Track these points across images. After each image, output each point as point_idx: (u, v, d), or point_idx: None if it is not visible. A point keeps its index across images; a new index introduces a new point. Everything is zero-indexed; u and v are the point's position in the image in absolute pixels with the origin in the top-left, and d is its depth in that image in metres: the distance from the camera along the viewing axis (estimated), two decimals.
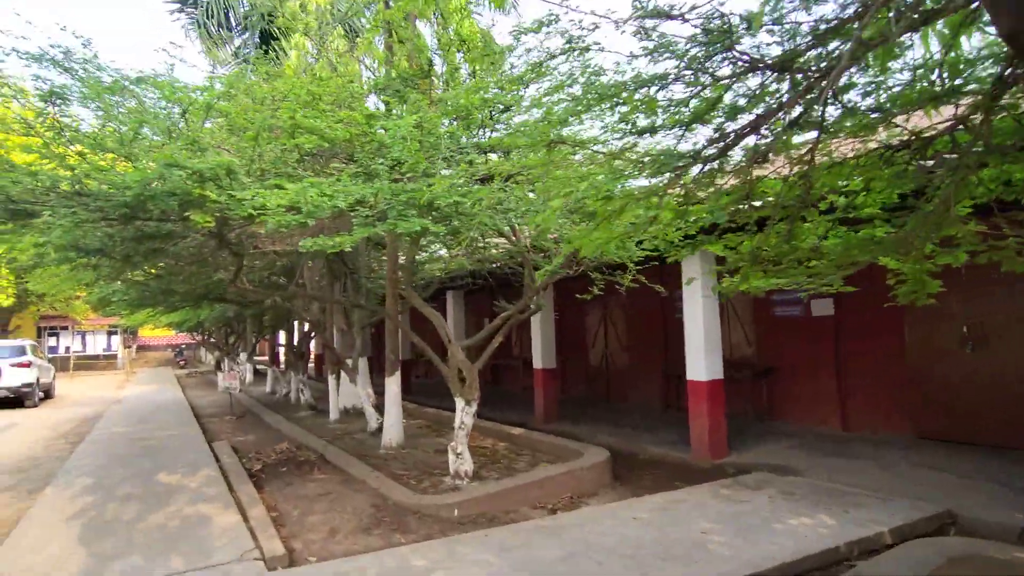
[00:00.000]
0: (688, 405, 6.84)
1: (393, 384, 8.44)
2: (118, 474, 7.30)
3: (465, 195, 3.94)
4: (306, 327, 16.25)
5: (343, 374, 11.29)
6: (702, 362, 6.62)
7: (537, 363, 10.36)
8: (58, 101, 3.71)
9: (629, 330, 11.77)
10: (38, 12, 7.92)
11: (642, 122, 3.01)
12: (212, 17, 13.72)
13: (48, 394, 17.47)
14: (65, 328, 33.68)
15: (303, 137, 4.69)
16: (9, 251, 5.35)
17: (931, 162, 2.78)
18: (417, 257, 9.15)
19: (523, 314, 7.24)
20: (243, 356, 20.60)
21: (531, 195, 4.80)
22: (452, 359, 6.86)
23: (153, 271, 8.90)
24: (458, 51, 6.72)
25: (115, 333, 32.73)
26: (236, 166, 4.27)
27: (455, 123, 4.44)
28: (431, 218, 4.22)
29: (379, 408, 9.81)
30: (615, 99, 2.85)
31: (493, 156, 5.92)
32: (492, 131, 5.44)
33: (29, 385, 15.15)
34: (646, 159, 2.96)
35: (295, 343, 14.32)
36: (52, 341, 31.47)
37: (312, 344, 18.26)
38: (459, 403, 6.51)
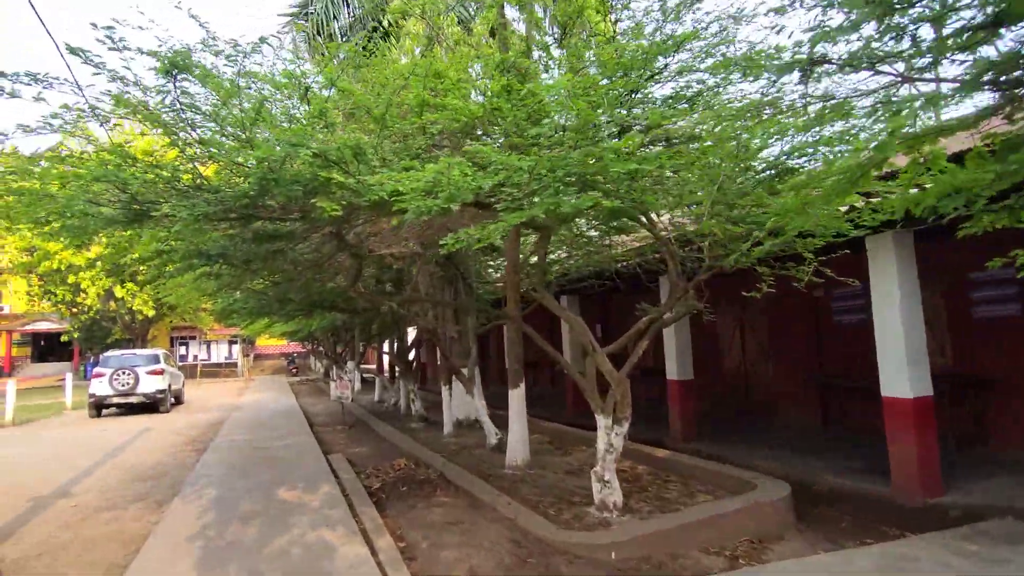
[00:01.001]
0: (885, 428, 5.57)
1: (517, 397, 7.72)
2: (239, 487, 7.04)
3: (642, 162, 3.10)
4: (412, 335, 16.08)
5: (454, 384, 10.77)
6: (904, 375, 5.35)
7: (672, 373, 9.30)
8: (178, 75, 3.27)
9: (772, 335, 10.42)
10: (142, 37, 7.86)
11: None
12: (321, 33, 13.82)
13: (178, 400, 18.36)
14: (194, 338, 36.10)
15: (435, 113, 4.04)
16: (124, 249, 5.11)
17: None
18: (523, 256, 8.44)
19: (669, 317, 6.30)
20: (351, 364, 20.83)
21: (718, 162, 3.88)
22: (591, 369, 6.04)
23: (270, 279, 8.75)
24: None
25: (235, 342, 34.66)
26: (366, 145, 3.67)
27: (621, 77, 3.65)
28: (597, 194, 3.43)
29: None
30: None
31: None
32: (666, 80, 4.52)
33: (162, 392, 15.89)
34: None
35: (404, 351, 14.03)
36: (182, 350, 33.82)
37: (414, 353, 18.11)
38: (601, 421, 5.65)
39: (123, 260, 5.09)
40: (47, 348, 35.28)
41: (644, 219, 6.40)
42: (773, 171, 4.59)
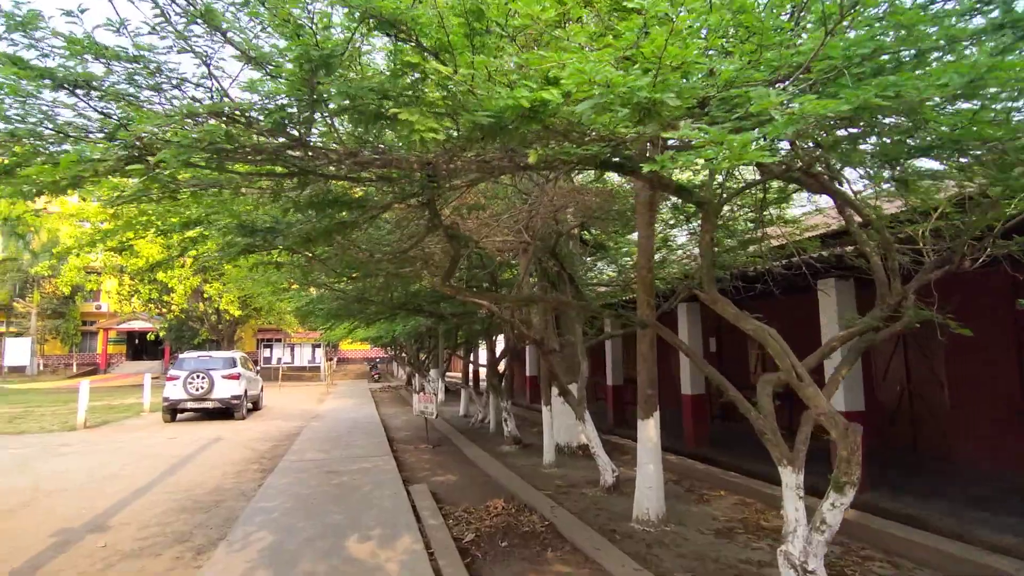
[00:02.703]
0: None
1: (650, 429, 5.87)
2: (301, 531, 5.58)
3: None
4: (500, 345, 14.48)
5: (554, 403, 9.02)
6: None
7: (839, 402, 7.15)
8: None
9: (951, 357, 8.04)
10: None
11: None
12: None
13: (256, 406, 17.62)
14: (279, 340, 36.33)
15: None
16: (141, 221, 3.69)
17: None
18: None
19: (890, 329, 4.32)
20: (434, 373, 19.53)
21: None
22: (766, 401, 4.18)
23: (346, 273, 7.33)
24: None
25: (319, 346, 34.48)
26: (492, 6, 2.02)
27: None
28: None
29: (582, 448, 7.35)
30: None
31: None
32: None
33: (238, 397, 15.07)
34: None
35: (495, 362, 12.42)
36: (267, 352, 34.00)
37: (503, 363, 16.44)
38: (790, 478, 3.84)
39: (139, 234, 3.69)
40: (141, 347, 36.50)
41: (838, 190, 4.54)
42: None
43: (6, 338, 35.22)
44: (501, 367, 12.16)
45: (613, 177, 8.12)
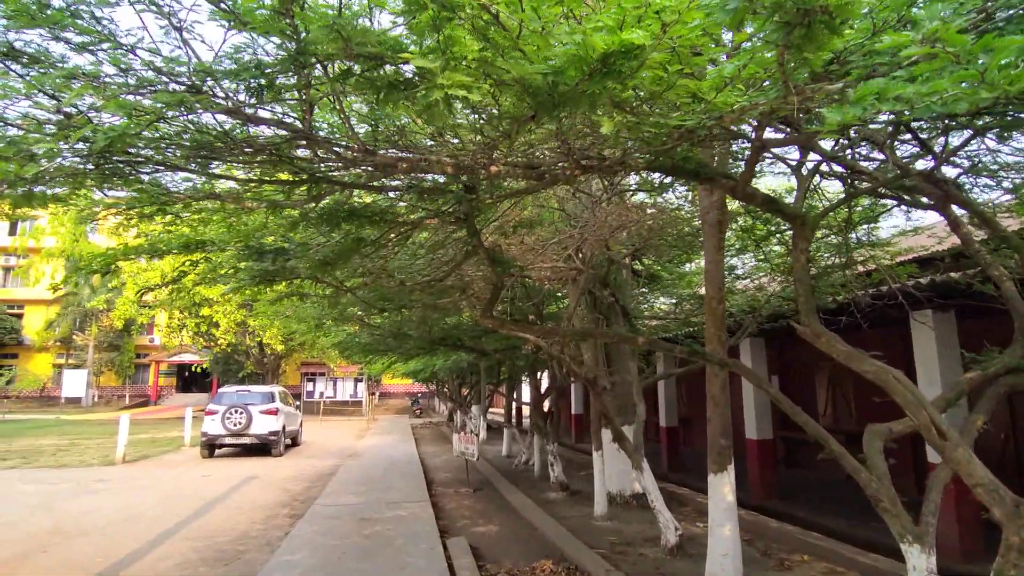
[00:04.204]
0: None
1: (724, 485, 5.04)
2: None
3: None
4: (545, 381, 13.72)
5: (605, 447, 8.19)
6: None
7: (933, 456, 6.14)
8: None
9: None
10: None
11: None
12: None
13: (294, 442, 17.21)
14: (322, 374, 36.32)
15: None
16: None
17: None
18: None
19: None
20: (476, 410, 18.83)
21: None
22: (877, 460, 3.38)
23: (380, 305, 6.79)
24: None
25: (361, 380, 34.25)
26: None
27: None
28: None
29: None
30: None
31: None
32: None
33: (275, 433, 14.67)
34: None
35: (539, 400, 11.66)
36: (310, 386, 33.92)
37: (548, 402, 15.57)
38: (919, 559, 3.01)
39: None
40: (190, 379, 37.04)
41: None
42: None
43: (64, 370, 36.31)
44: (546, 406, 11.38)
45: (669, 197, 7.42)
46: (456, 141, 2.64)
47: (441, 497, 9.73)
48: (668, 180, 7.05)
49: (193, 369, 32.84)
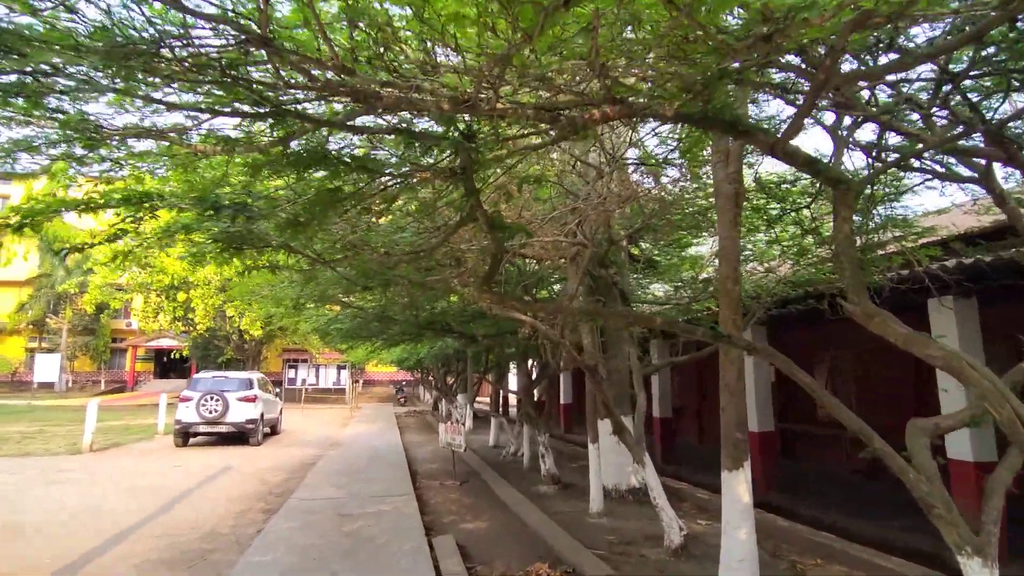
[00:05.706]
0: None
1: (740, 483, 4.60)
2: None
3: None
4: (534, 370, 13.25)
5: (602, 439, 7.75)
6: None
7: (966, 452, 5.77)
8: None
9: None
10: None
11: None
12: None
13: (273, 430, 16.61)
14: (304, 361, 35.55)
15: None
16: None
17: None
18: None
19: None
20: (462, 399, 18.35)
21: None
22: (925, 460, 2.95)
23: (361, 288, 6.25)
24: None
25: (344, 368, 33.59)
26: None
27: None
28: None
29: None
30: None
31: None
32: None
33: (253, 422, 14.07)
34: None
35: (530, 389, 11.19)
36: (291, 373, 33.14)
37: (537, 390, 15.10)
38: (977, 570, 2.63)
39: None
40: (169, 365, 36.07)
41: None
42: None
43: (37, 354, 35.22)
44: (536, 394, 10.92)
45: (673, 174, 6.93)
46: (455, 61, 2.12)
47: (426, 490, 9.26)
48: (670, 156, 6.59)
49: (172, 355, 31.88)
